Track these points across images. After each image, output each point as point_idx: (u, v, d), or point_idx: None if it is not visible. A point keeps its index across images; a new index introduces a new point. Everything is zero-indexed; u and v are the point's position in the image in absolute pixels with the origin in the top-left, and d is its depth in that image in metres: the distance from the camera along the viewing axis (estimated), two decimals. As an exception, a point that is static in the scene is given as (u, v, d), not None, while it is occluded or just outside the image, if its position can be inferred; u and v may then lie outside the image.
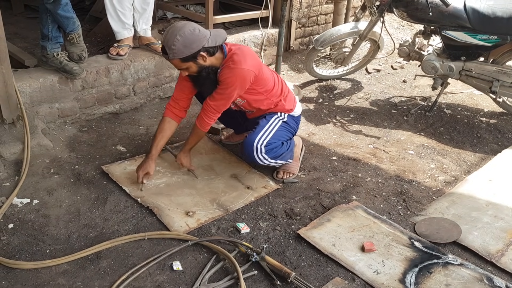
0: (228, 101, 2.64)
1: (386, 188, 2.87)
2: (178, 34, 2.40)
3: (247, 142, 2.69)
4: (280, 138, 2.77)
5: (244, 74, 2.55)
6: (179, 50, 2.42)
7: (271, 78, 2.77)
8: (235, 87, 2.56)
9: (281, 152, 2.76)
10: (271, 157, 2.73)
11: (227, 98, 2.61)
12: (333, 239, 2.38)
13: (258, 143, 2.67)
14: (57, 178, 2.77)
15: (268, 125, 2.75)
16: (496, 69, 3.52)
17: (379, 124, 3.71)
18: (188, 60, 2.47)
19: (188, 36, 2.41)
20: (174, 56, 2.44)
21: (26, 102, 3.03)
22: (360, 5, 4.15)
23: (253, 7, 4.58)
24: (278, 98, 2.79)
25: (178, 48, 2.41)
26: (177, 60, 2.47)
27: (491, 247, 2.37)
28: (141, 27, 3.66)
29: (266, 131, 2.72)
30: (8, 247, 2.23)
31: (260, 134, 2.70)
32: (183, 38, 2.40)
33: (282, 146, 2.77)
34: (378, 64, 4.83)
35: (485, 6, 3.34)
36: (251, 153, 2.68)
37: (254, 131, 2.72)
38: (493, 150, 3.34)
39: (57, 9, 2.92)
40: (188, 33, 2.41)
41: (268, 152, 2.70)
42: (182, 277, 2.12)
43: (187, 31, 2.41)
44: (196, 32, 2.44)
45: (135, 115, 3.59)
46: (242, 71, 2.53)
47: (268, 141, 2.70)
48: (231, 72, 2.54)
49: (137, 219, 2.47)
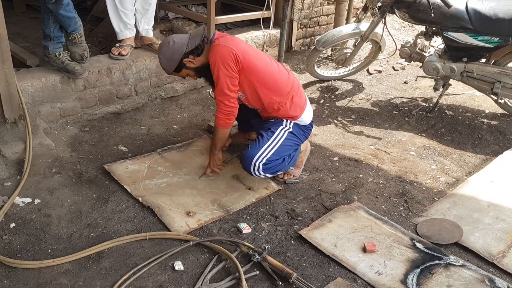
0: (222, 86, 2.58)
1: (388, 189, 2.87)
2: (160, 53, 2.65)
3: (246, 156, 2.65)
4: (282, 154, 2.69)
5: (221, 50, 2.56)
6: (166, 65, 2.67)
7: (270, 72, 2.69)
8: (218, 67, 2.56)
9: (281, 167, 2.73)
10: (269, 173, 2.72)
11: (219, 84, 2.59)
12: (334, 239, 2.38)
13: (258, 160, 2.62)
14: (58, 177, 2.77)
15: (271, 140, 2.68)
16: (498, 71, 3.52)
17: (381, 125, 3.71)
18: (180, 69, 2.68)
19: (165, 52, 2.63)
20: (168, 71, 2.71)
21: (28, 101, 3.03)
22: (362, 6, 4.15)
23: (254, 8, 4.59)
24: (282, 98, 2.69)
25: (165, 64, 2.67)
26: (174, 73, 2.72)
27: (493, 248, 2.37)
28: (143, 27, 3.66)
29: (269, 146, 2.66)
30: (10, 247, 2.23)
31: (262, 150, 2.64)
32: (163, 54, 2.64)
33: (282, 162, 2.71)
34: (380, 65, 4.83)
35: (487, 8, 3.34)
36: (248, 168, 2.66)
37: (256, 145, 2.66)
38: (494, 152, 3.34)
39: (59, 9, 2.92)
40: (165, 49, 2.63)
41: (266, 170, 2.67)
42: (184, 277, 2.12)
43: (164, 48, 2.64)
44: (171, 44, 2.62)
45: (136, 115, 3.59)
46: (218, 47, 2.57)
47: (269, 158, 2.64)
48: (211, 54, 2.59)
49: (138, 219, 2.47)
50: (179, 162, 2.98)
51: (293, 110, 2.74)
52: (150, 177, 2.81)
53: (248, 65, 2.59)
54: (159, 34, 4.11)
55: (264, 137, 2.69)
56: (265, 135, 2.70)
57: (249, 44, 2.79)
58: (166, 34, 4.27)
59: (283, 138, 2.70)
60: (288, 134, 2.73)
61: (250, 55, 2.62)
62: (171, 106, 3.78)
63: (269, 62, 2.74)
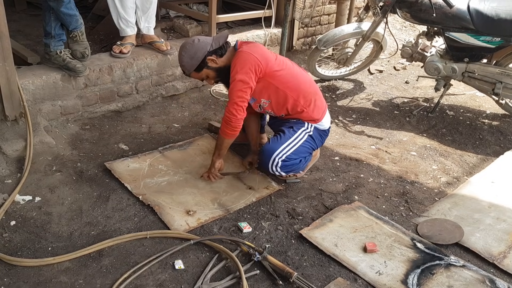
0: (239, 93, 2.53)
1: (388, 189, 2.86)
2: (182, 51, 2.61)
3: (267, 150, 2.66)
4: (300, 155, 2.72)
5: (245, 56, 2.55)
6: (188, 64, 2.61)
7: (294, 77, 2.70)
8: (240, 73, 2.52)
9: (295, 168, 2.75)
10: (284, 171, 2.72)
11: (237, 90, 2.53)
12: (335, 239, 2.38)
13: (278, 155, 2.64)
14: (59, 175, 2.77)
15: (293, 138, 2.69)
16: (499, 71, 3.51)
17: (382, 124, 3.71)
18: (201, 68, 2.62)
19: (189, 49, 2.59)
20: (188, 71, 2.64)
21: (29, 99, 3.03)
22: (363, 6, 4.15)
23: (256, 7, 4.58)
24: (306, 101, 2.70)
25: (187, 62, 2.61)
26: (193, 73, 2.65)
27: (494, 249, 2.37)
28: (144, 25, 3.66)
29: (290, 144, 2.67)
30: (10, 244, 2.23)
31: (283, 146, 2.65)
32: (186, 52, 2.59)
33: (299, 163, 2.73)
34: (381, 65, 4.82)
35: (488, 8, 3.34)
36: (267, 162, 2.66)
37: (277, 140, 2.67)
38: (495, 152, 3.34)
39: (60, 7, 2.91)
40: (189, 46, 2.60)
41: (283, 167, 2.68)
42: (184, 276, 2.12)
43: (188, 45, 2.60)
44: (196, 42, 2.60)
45: (137, 114, 3.59)
46: (242, 53, 2.56)
47: (288, 155, 2.66)
48: (234, 59, 2.58)
49: (139, 217, 2.47)
50: (180, 160, 2.98)
51: (316, 113, 2.76)
52: (150, 175, 2.81)
53: (272, 70, 2.61)
54: (160, 33, 4.10)
55: (286, 134, 2.70)
56: (287, 132, 2.71)
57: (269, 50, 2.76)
58: (167, 33, 4.27)
59: (303, 139, 2.73)
60: (308, 137, 2.75)
61: (272, 61, 2.64)
62: (172, 105, 3.78)
63: (291, 65, 2.77)
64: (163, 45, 3.68)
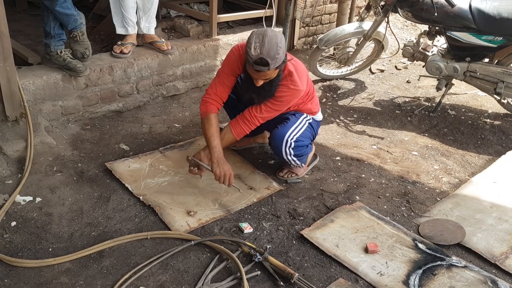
0: (275, 115, 2.65)
1: (390, 189, 2.85)
2: (278, 42, 2.30)
3: (277, 134, 2.68)
4: (307, 139, 2.78)
5: (300, 94, 2.60)
6: (280, 59, 2.34)
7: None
8: (287, 104, 2.61)
9: (305, 153, 2.78)
10: (295, 154, 2.72)
11: (276, 112, 2.63)
12: (336, 240, 2.37)
13: (289, 136, 2.66)
14: (60, 176, 2.77)
15: (298, 122, 2.74)
16: (501, 71, 3.50)
17: (383, 124, 3.70)
18: (280, 67, 2.40)
19: (284, 45, 2.35)
20: (275, 65, 2.33)
21: (30, 99, 3.02)
22: (365, 5, 4.14)
23: (257, 6, 4.57)
24: (307, 98, 2.77)
25: (280, 57, 2.33)
26: (274, 70, 2.36)
27: (495, 249, 2.36)
28: (145, 25, 3.65)
29: (297, 127, 2.72)
30: (10, 245, 2.22)
31: (292, 129, 2.69)
32: (283, 45, 2.33)
33: (307, 147, 2.78)
34: (382, 64, 4.81)
35: (490, 7, 3.32)
36: (279, 145, 2.67)
37: (285, 125, 2.70)
38: (497, 152, 3.33)
39: (55, 6, 2.89)
40: (282, 39, 2.34)
41: (296, 148, 2.70)
42: (185, 277, 2.11)
43: (280, 37, 2.33)
44: (282, 37, 2.39)
45: (138, 114, 3.58)
46: (299, 92, 2.58)
47: (298, 137, 2.70)
48: (289, 91, 2.55)
49: (140, 218, 2.47)
50: (181, 161, 2.97)
51: (314, 106, 2.85)
52: (151, 175, 2.80)
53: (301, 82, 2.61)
54: (161, 32, 4.10)
55: (291, 120, 2.74)
56: (291, 118, 2.75)
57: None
58: (168, 32, 4.26)
59: (306, 125, 2.78)
60: (308, 124, 2.81)
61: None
62: (172, 105, 3.77)
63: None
64: (164, 45, 3.67)
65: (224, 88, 2.64)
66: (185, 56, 3.79)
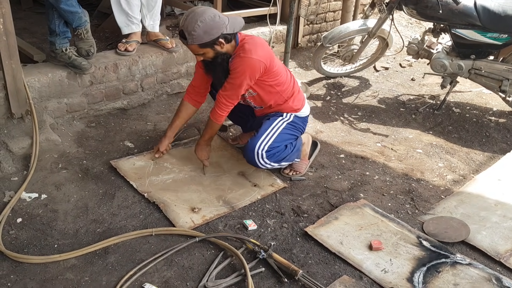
0: (238, 91, 2.61)
1: (394, 187, 2.85)
2: (199, 20, 2.39)
3: (248, 147, 2.67)
4: (283, 141, 2.72)
5: (254, 63, 2.53)
6: (199, 36, 2.41)
7: (283, 72, 2.75)
8: (244, 77, 2.55)
9: (285, 155, 2.73)
10: (274, 161, 2.71)
11: (237, 88, 2.59)
12: (340, 237, 2.37)
13: (259, 148, 2.63)
14: (65, 173, 2.78)
15: (270, 128, 2.70)
16: (506, 68, 3.49)
17: (387, 122, 3.69)
18: (206, 46, 2.48)
19: (209, 23, 2.41)
20: (193, 42, 2.44)
21: (35, 97, 3.04)
22: (369, 3, 4.12)
23: (261, 4, 4.57)
24: (288, 95, 2.76)
25: (198, 34, 2.41)
26: (195, 46, 2.47)
27: (500, 247, 2.36)
28: (149, 23, 3.65)
29: (268, 134, 2.68)
30: (16, 241, 2.24)
31: (262, 138, 2.66)
32: (204, 24, 2.39)
33: (285, 149, 2.73)
34: (387, 62, 4.80)
35: (495, 4, 3.31)
36: (252, 158, 2.65)
37: (255, 135, 2.69)
38: (502, 150, 3.32)
39: (59, 4, 2.90)
40: (209, 19, 2.41)
41: (270, 157, 2.67)
42: (190, 273, 2.12)
43: (208, 17, 2.41)
44: (217, 18, 2.44)
45: (142, 111, 3.59)
46: (251, 61, 2.52)
47: (270, 145, 2.66)
48: (241, 61, 2.54)
49: (144, 215, 2.48)
50: (185, 158, 2.98)
51: (296, 103, 2.81)
52: (156, 173, 2.81)
53: (268, 71, 2.61)
54: (165, 30, 4.10)
55: (262, 127, 2.72)
56: (263, 125, 2.73)
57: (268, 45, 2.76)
58: (173, 30, 4.27)
59: (281, 127, 2.74)
60: (287, 125, 2.77)
61: (273, 61, 2.65)
62: (177, 102, 3.77)
63: (279, 61, 2.80)
64: (168, 42, 3.68)
65: (197, 80, 2.85)
66: (190, 53, 3.79)
